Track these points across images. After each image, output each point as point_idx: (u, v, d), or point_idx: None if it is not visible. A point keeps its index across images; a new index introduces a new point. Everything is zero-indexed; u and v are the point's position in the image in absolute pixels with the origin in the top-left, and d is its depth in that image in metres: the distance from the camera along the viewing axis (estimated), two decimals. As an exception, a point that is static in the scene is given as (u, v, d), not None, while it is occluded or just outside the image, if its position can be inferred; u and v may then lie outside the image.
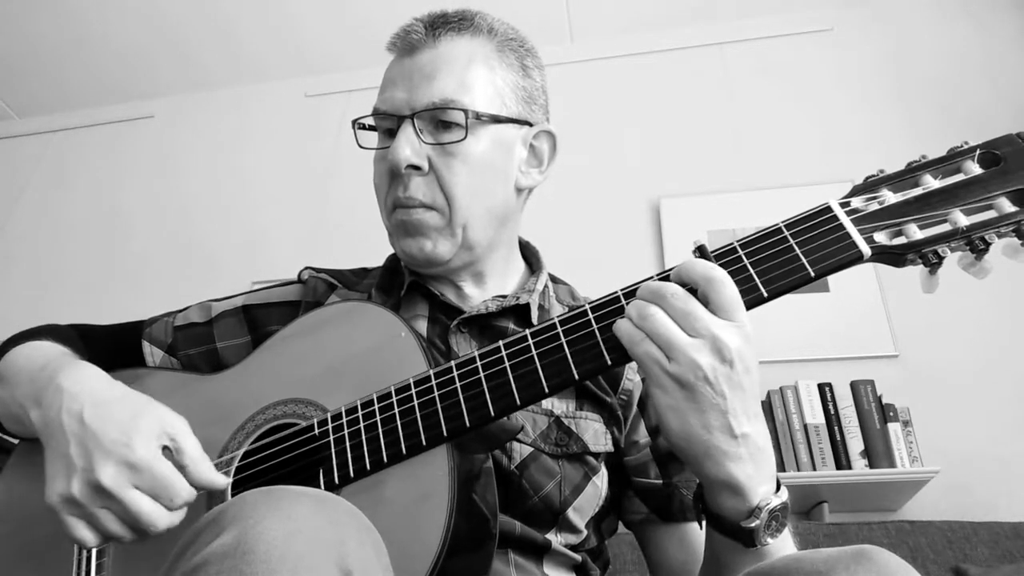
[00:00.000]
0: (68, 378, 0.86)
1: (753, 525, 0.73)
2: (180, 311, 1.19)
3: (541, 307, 1.09)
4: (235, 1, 3.31)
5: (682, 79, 3.28)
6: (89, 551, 0.89)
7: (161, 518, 0.78)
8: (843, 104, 3.04)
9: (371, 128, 1.08)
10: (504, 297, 1.09)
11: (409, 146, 0.98)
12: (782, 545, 0.76)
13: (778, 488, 0.75)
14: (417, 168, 0.99)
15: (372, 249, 1.41)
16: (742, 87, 3.20)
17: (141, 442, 0.78)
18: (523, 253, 1.20)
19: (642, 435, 1.06)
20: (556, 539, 0.96)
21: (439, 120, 1.00)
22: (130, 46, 3.54)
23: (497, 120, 1.02)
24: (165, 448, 0.81)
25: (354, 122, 1.08)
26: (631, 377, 1.07)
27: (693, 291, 0.74)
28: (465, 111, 0.99)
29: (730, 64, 3.27)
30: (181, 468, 0.80)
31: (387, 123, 1.04)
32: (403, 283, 1.11)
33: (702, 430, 0.72)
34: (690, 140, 3.11)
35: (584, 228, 2.94)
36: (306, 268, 1.20)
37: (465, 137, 0.99)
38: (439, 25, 1.03)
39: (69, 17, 3.39)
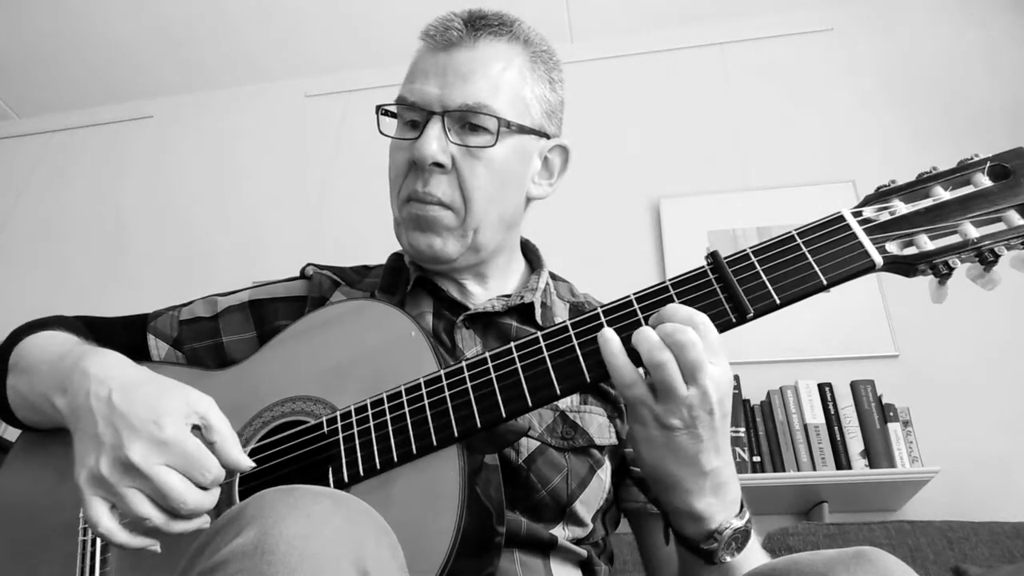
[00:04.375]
0: (93, 363, 0.86)
1: (711, 547, 0.78)
2: (185, 305, 1.19)
3: (544, 305, 1.10)
4: (235, 1, 3.31)
5: (682, 79, 3.29)
6: (94, 547, 0.89)
7: (190, 494, 0.77)
8: (843, 104, 3.05)
9: (391, 115, 1.07)
10: (508, 296, 1.10)
11: (436, 142, 0.98)
12: (744, 560, 0.80)
13: (742, 509, 0.80)
14: (440, 166, 1.00)
15: (371, 249, 1.41)
16: (742, 87, 3.20)
17: (170, 421, 0.78)
18: (523, 251, 1.22)
19: None
20: (563, 533, 0.97)
21: (467, 122, 1.00)
22: (130, 46, 3.54)
23: (522, 130, 1.03)
24: (195, 428, 0.81)
25: (378, 108, 1.06)
26: None
27: None
28: (497, 118, 0.99)
29: (730, 64, 3.27)
30: (210, 445, 0.80)
31: (413, 114, 1.03)
32: (408, 279, 1.11)
33: (674, 466, 0.77)
34: (690, 140, 3.11)
35: (584, 228, 2.94)
36: (309, 264, 1.21)
37: (494, 144, 1.00)
38: (480, 26, 1.02)
39: (69, 17, 3.38)
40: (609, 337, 0.77)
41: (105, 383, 0.82)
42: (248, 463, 0.83)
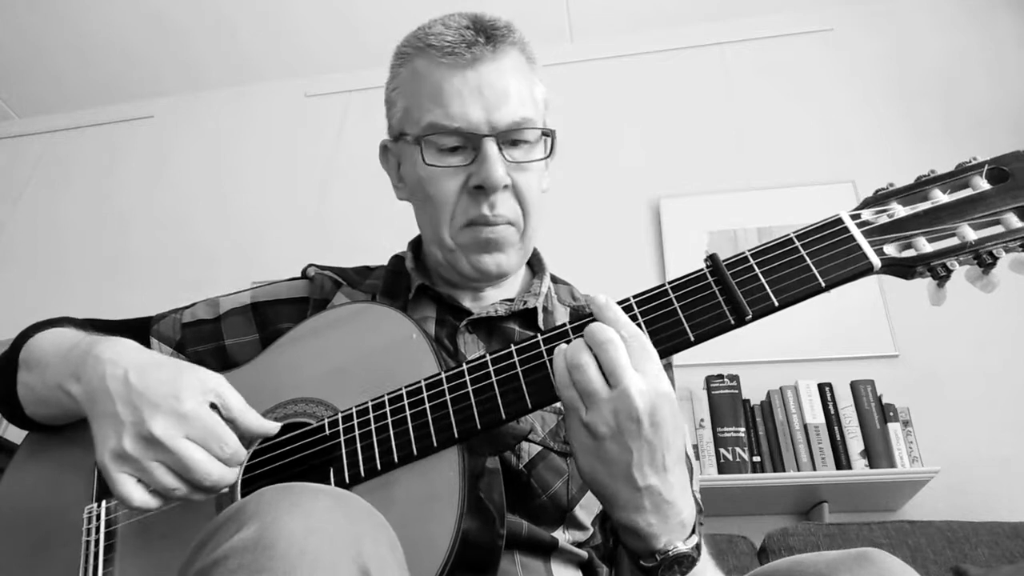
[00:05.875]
0: (106, 349, 0.87)
1: (651, 566, 0.76)
2: (187, 307, 1.19)
3: (545, 309, 1.10)
4: (235, 1, 3.32)
5: (682, 79, 3.29)
6: (97, 547, 0.89)
7: (213, 467, 0.79)
8: (843, 104, 3.05)
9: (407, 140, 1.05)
10: (511, 301, 1.10)
11: (502, 165, 0.98)
12: None
13: (693, 534, 0.78)
14: (506, 187, 1.00)
15: (371, 249, 1.41)
16: (742, 87, 3.21)
17: (188, 395, 0.80)
18: None
19: None
20: (563, 536, 0.96)
21: (512, 138, 1.00)
22: (130, 46, 3.54)
23: (544, 132, 1.05)
24: (212, 405, 0.82)
25: (420, 138, 1.01)
26: None
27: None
28: (541, 130, 1.02)
29: (730, 64, 3.28)
30: (229, 423, 0.82)
31: (454, 139, 1.00)
32: (409, 286, 1.11)
33: (607, 477, 0.76)
34: (690, 140, 3.12)
35: (584, 228, 2.94)
36: (311, 265, 1.21)
37: (549, 154, 1.02)
38: (492, 35, 1.01)
39: (69, 17, 3.38)
40: (562, 347, 0.78)
41: (120, 364, 0.84)
42: (274, 426, 0.86)
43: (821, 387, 2.29)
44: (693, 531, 0.78)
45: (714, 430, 2.28)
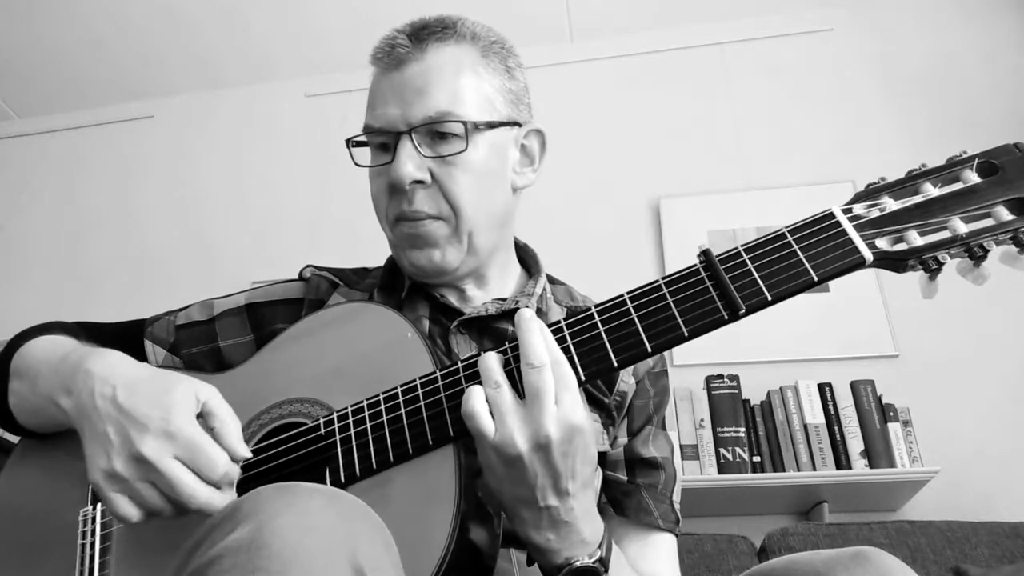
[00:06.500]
0: (96, 363, 0.87)
1: None
2: (181, 309, 1.19)
3: (539, 310, 1.10)
4: (236, 2, 3.32)
5: (682, 79, 3.29)
6: (92, 550, 0.89)
7: (200, 490, 0.78)
8: (843, 104, 3.05)
9: (361, 144, 1.08)
10: (503, 300, 1.10)
11: (411, 162, 0.98)
12: None
13: (599, 548, 0.81)
14: (420, 182, 1.00)
15: (372, 249, 1.41)
16: (742, 87, 3.20)
17: (177, 412, 0.79)
18: (521, 255, 1.21)
19: (623, 433, 1.08)
20: None
21: (436, 132, 1.00)
22: (131, 46, 3.54)
23: (491, 126, 1.03)
24: (199, 417, 0.82)
25: (348, 141, 1.07)
26: (626, 380, 1.09)
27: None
28: (464, 122, 0.99)
29: (730, 64, 3.27)
30: (211, 431, 0.81)
31: (381, 138, 1.03)
32: (404, 284, 1.11)
33: (511, 496, 0.79)
34: (690, 140, 3.11)
35: (584, 228, 2.95)
36: (308, 266, 1.21)
37: (466, 148, 0.99)
38: (424, 37, 1.02)
39: (70, 17, 3.38)
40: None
41: (109, 381, 0.83)
42: (245, 451, 0.83)
43: (821, 387, 2.29)
44: (600, 547, 0.81)
45: (714, 430, 2.28)
